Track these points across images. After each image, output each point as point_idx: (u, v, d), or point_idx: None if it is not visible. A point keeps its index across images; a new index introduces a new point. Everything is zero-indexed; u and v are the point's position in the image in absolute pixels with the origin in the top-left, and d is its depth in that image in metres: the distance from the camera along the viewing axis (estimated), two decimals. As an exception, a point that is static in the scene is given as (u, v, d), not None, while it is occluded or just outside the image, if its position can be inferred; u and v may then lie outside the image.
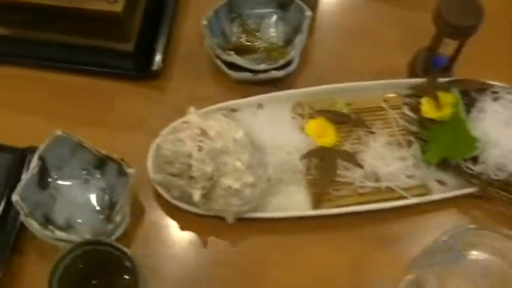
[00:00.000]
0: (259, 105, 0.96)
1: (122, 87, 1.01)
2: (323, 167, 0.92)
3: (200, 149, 0.84)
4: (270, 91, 0.98)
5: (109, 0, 0.91)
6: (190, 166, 0.84)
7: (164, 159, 0.85)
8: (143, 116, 0.98)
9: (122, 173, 0.88)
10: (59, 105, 0.99)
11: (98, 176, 0.91)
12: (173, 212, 0.92)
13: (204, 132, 0.86)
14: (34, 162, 0.86)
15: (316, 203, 0.91)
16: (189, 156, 0.84)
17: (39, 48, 1.01)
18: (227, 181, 0.86)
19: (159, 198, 0.92)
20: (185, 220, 0.91)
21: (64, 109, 0.99)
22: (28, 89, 1.01)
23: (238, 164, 0.86)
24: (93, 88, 1.01)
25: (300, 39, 0.96)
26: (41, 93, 1.00)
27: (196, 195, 0.85)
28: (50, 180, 0.90)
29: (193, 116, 0.88)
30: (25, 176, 0.86)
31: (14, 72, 1.02)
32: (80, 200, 0.90)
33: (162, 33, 1.01)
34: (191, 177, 0.85)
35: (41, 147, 0.86)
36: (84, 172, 0.91)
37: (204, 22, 0.95)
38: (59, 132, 0.87)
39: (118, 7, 0.91)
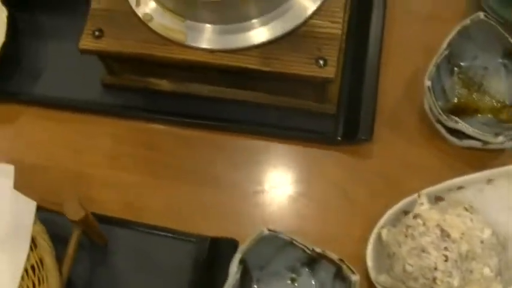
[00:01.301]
0: (489, 181, 0.78)
1: (319, 153, 0.86)
2: None
3: (446, 258, 0.68)
4: (493, 159, 0.83)
5: (319, 63, 0.74)
6: (434, 279, 0.69)
7: (407, 275, 0.70)
8: (346, 188, 0.84)
9: (340, 275, 0.72)
10: (240, 173, 0.86)
11: (307, 275, 0.78)
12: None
13: (443, 232, 0.70)
14: (235, 267, 0.72)
15: None
16: (435, 269, 0.68)
17: (220, 108, 0.87)
18: (473, 292, 0.70)
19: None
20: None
21: (251, 178, 0.85)
22: (205, 155, 0.87)
23: (487, 271, 0.72)
24: (284, 154, 0.87)
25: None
26: (222, 160, 0.87)
27: (438, 310, 0.70)
28: (251, 283, 0.77)
29: (425, 207, 0.72)
30: (227, 286, 0.70)
31: (186, 134, 0.89)
32: (286, 305, 0.75)
33: (366, 92, 0.84)
34: (433, 291, 0.69)
35: (243, 247, 0.73)
36: (290, 271, 0.78)
37: (428, 83, 0.78)
38: (265, 231, 0.72)
39: (330, 72, 0.75)
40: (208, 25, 0.77)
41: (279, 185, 0.84)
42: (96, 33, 0.79)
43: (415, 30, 0.90)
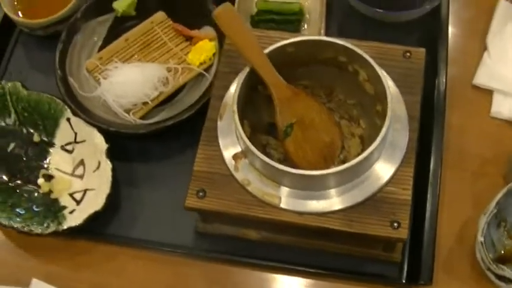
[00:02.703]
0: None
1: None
2: None
3: None
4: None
5: (394, 226, 0.90)
6: None
7: None
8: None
9: None
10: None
11: None
12: None
13: None
14: None
15: None
16: None
17: (302, 254, 1.03)
18: None
19: None
20: None
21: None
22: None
23: None
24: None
25: None
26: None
27: None
28: None
29: None
30: None
31: (270, 277, 1.04)
32: None
33: (426, 242, 1.01)
34: None
35: None
36: None
37: (481, 239, 0.95)
38: None
39: (403, 234, 0.90)
40: (299, 191, 0.93)
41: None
42: (200, 193, 0.95)
43: (466, 184, 1.07)
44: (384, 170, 0.93)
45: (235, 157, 0.95)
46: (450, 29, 1.16)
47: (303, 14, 1.19)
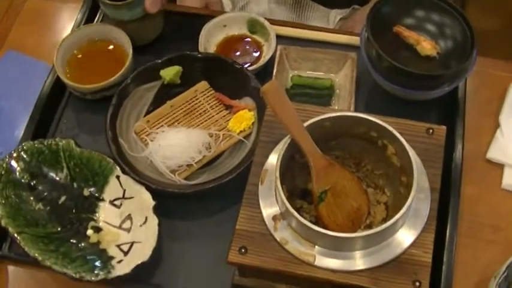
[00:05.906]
0: None
1: None
2: None
3: None
4: None
5: (416, 285, 1.05)
6: None
7: None
8: None
9: None
10: None
11: None
12: None
13: None
14: None
15: None
16: None
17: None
18: None
19: None
20: None
21: None
22: None
23: None
24: None
25: None
26: None
27: None
28: None
29: None
30: None
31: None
32: None
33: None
34: None
35: None
36: None
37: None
38: None
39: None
40: (331, 251, 1.09)
41: None
42: (242, 250, 1.10)
43: (479, 250, 1.23)
44: (407, 235, 1.08)
45: (274, 218, 1.11)
46: (466, 108, 1.32)
47: (333, 89, 1.37)
